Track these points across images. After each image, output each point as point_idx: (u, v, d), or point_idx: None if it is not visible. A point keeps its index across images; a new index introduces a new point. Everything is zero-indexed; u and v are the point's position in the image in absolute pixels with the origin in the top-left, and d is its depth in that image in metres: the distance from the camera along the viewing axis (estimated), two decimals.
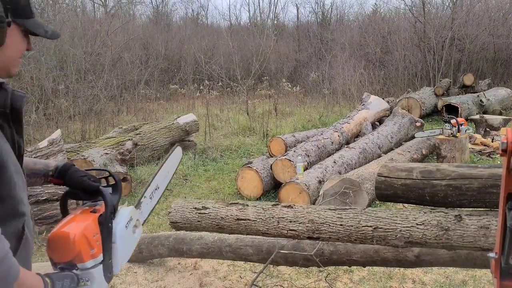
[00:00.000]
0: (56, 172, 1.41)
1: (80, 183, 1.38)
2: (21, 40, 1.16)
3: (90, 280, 1.23)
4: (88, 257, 1.22)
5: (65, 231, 1.20)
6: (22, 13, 1.13)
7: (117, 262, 1.33)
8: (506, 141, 1.11)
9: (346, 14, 21.57)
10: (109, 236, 1.30)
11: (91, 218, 1.26)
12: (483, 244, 1.95)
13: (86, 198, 1.39)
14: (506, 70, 14.64)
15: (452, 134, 6.12)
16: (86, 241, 1.21)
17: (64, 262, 1.21)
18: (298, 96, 12.72)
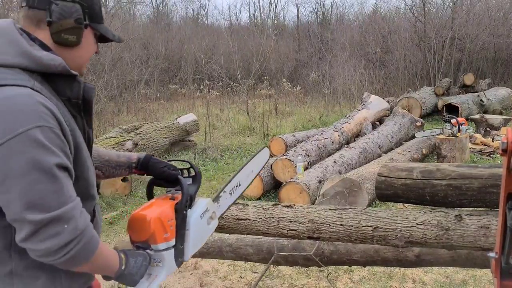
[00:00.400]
0: (138, 164, 1.53)
1: (161, 174, 1.49)
2: (93, 43, 1.27)
3: (161, 262, 1.31)
4: (161, 239, 1.30)
5: (143, 213, 1.30)
6: (96, 18, 1.24)
7: (188, 249, 1.39)
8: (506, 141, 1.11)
9: (346, 13, 21.60)
10: (183, 223, 1.37)
11: (168, 204, 1.35)
12: (483, 244, 1.95)
13: (169, 186, 1.50)
14: (507, 70, 14.64)
15: (453, 134, 6.12)
16: (161, 224, 1.29)
17: (140, 241, 1.31)
18: (298, 96, 12.73)
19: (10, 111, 1.02)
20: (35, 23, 1.16)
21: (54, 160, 1.04)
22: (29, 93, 1.06)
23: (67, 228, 1.04)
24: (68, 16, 1.16)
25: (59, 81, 1.15)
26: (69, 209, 1.05)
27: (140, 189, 5.65)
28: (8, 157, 1.00)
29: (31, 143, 1.01)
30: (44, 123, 1.04)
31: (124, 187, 5.40)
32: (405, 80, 14.08)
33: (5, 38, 1.12)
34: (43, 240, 1.02)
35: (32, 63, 1.11)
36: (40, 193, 1.02)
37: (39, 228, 1.01)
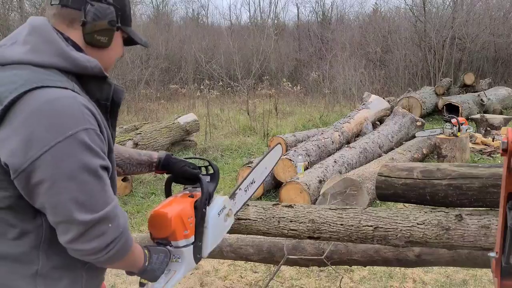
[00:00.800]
0: (159, 164, 1.55)
1: (182, 173, 1.52)
2: (121, 45, 1.28)
3: (181, 258, 1.36)
4: (181, 236, 1.34)
5: (164, 211, 1.33)
6: (126, 20, 1.25)
7: (206, 246, 1.42)
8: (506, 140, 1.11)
9: (347, 13, 21.57)
10: (202, 221, 1.40)
11: (188, 202, 1.38)
12: (484, 243, 1.95)
13: (187, 183, 1.53)
14: (507, 70, 14.64)
15: (453, 134, 6.12)
16: (181, 222, 1.33)
17: (161, 238, 1.35)
18: (298, 95, 12.72)
19: (56, 114, 1.02)
20: (67, 23, 1.15)
21: (99, 161, 1.06)
22: (73, 95, 1.06)
23: (111, 227, 1.07)
24: (102, 17, 1.16)
25: (91, 83, 1.15)
26: (112, 208, 1.08)
27: (140, 189, 5.65)
28: (58, 160, 1.01)
29: (79, 146, 1.03)
30: (89, 126, 1.05)
31: (125, 187, 5.40)
32: (406, 80, 14.08)
33: (41, 36, 1.10)
34: (91, 240, 1.05)
35: (69, 64, 1.10)
36: (89, 194, 1.04)
37: (89, 228, 1.04)
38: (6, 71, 1.07)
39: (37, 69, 1.07)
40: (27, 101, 1.02)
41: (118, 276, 3.37)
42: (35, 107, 1.01)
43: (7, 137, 1.01)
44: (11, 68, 1.07)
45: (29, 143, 1.00)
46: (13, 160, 1.01)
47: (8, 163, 1.02)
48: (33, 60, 1.08)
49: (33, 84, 1.03)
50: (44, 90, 1.03)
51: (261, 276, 3.36)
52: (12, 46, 1.11)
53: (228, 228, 1.55)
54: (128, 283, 3.26)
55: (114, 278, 3.34)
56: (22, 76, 1.05)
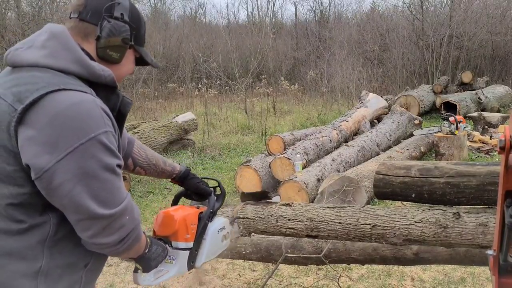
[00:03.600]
0: (178, 176, 1.68)
1: (196, 188, 1.68)
2: (131, 63, 1.34)
3: (176, 260, 1.43)
4: (182, 238, 1.44)
5: (171, 213, 1.45)
6: (140, 40, 1.32)
7: (201, 256, 1.50)
8: (504, 138, 1.11)
9: (344, 12, 21.59)
10: (202, 231, 1.50)
11: (193, 211, 1.51)
12: (482, 241, 1.95)
13: (197, 199, 1.69)
14: (504, 68, 14.66)
15: (451, 132, 6.13)
16: (185, 225, 1.44)
17: (163, 235, 1.44)
18: (296, 94, 12.72)
19: (80, 117, 1.07)
20: (82, 36, 1.21)
21: (116, 161, 1.14)
22: (93, 99, 1.12)
23: (129, 219, 1.16)
24: (117, 34, 1.22)
25: (101, 92, 1.19)
26: (128, 202, 1.16)
27: (138, 188, 5.65)
28: (81, 160, 1.06)
29: (100, 147, 1.09)
30: (108, 128, 1.12)
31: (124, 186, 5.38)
32: (403, 78, 14.09)
33: (61, 43, 1.15)
34: (113, 233, 1.13)
35: (85, 71, 1.15)
36: (110, 190, 1.11)
37: (111, 222, 1.11)
38: (23, 72, 1.12)
39: (57, 73, 1.11)
40: (51, 103, 1.06)
41: (116, 275, 3.37)
42: (60, 109, 1.05)
43: (31, 138, 1.05)
44: (28, 70, 1.12)
45: (54, 144, 1.04)
46: (36, 160, 1.04)
47: (30, 164, 1.05)
48: (52, 64, 1.12)
49: (55, 86, 1.07)
50: (67, 93, 1.08)
51: (260, 274, 3.36)
52: (29, 49, 1.15)
53: (224, 248, 1.64)
54: (126, 282, 3.26)
55: (112, 277, 3.34)
56: (44, 78, 1.09)
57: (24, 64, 1.13)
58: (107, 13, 1.21)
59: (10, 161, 1.08)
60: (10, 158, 1.07)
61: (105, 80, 1.19)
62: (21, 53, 1.15)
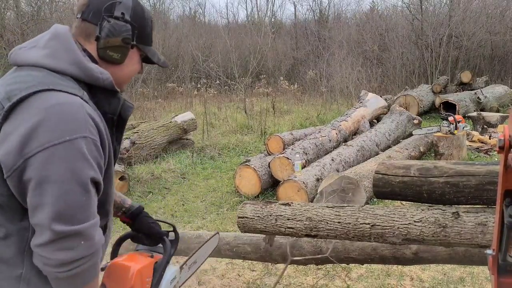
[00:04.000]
0: (128, 212, 1.51)
1: (149, 229, 1.49)
2: (137, 62, 1.30)
3: None
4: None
5: (126, 264, 1.28)
6: (144, 40, 1.28)
7: None
8: (503, 138, 1.11)
9: (344, 11, 21.59)
10: (157, 284, 1.35)
11: (148, 262, 1.34)
12: (481, 241, 1.95)
13: (146, 243, 1.49)
14: (503, 67, 14.67)
15: (450, 132, 6.13)
16: (140, 280, 1.28)
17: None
18: (295, 94, 12.71)
19: (60, 117, 1.02)
20: (85, 36, 1.20)
21: (90, 174, 1.05)
22: (80, 102, 1.07)
23: (83, 245, 1.05)
24: (116, 35, 1.19)
25: (101, 95, 1.17)
26: (90, 226, 1.06)
27: (137, 188, 5.64)
28: (49, 161, 1.00)
29: (75, 152, 1.02)
30: (89, 135, 1.05)
31: (122, 186, 5.39)
32: (403, 78, 14.09)
33: (61, 44, 1.14)
34: (58, 251, 1.02)
35: (82, 74, 1.13)
36: (69, 204, 1.02)
37: (59, 238, 1.02)
38: (22, 72, 1.11)
39: (51, 73, 1.10)
40: (36, 102, 1.03)
41: None
42: (41, 108, 1.02)
43: (8, 134, 1.02)
44: (27, 69, 1.11)
45: (26, 141, 1.00)
46: (7, 158, 1.01)
47: (2, 161, 1.02)
48: (49, 64, 1.11)
49: (44, 86, 1.05)
50: (54, 93, 1.05)
51: (259, 274, 3.36)
52: (32, 49, 1.15)
53: None
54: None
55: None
56: (36, 77, 1.08)
57: (25, 64, 1.12)
58: (107, 12, 1.19)
59: None
60: None
61: (103, 83, 1.16)
62: (24, 52, 1.14)
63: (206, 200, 5.28)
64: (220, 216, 4.71)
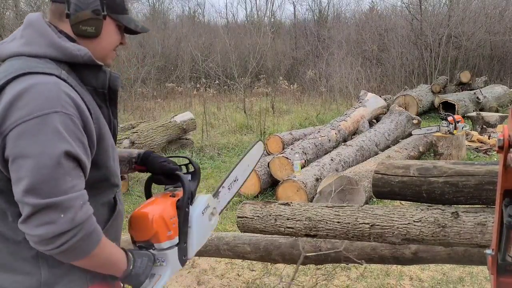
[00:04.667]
0: (139, 159, 1.51)
1: (160, 168, 1.46)
2: (115, 33, 1.27)
3: (165, 261, 1.29)
4: (164, 238, 1.27)
5: (144, 212, 1.27)
6: (117, 8, 1.25)
7: (192, 247, 1.37)
8: (502, 138, 1.11)
9: (343, 11, 21.58)
10: (185, 221, 1.34)
11: (169, 202, 1.33)
12: (480, 240, 1.95)
13: (168, 182, 1.47)
14: (503, 67, 14.68)
15: (449, 131, 6.14)
16: (164, 223, 1.27)
17: (143, 240, 1.28)
18: (295, 93, 12.72)
19: (33, 96, 1.04)
20: (58, 17, 1.20)
21: (64, 147, 1.04)
22: (55, 81, 1.08)
23: (63, 218, 1.03)
24: (84, 8, 1.18)
25: (85, 71, 1.18)
26: (67, 199, 1.04)
27: (137, 187, 5.64)
28: (21, 137, 1.02)
29: (46, 127, 1.03)
30: (63, 110, 1.05)
31: (121, 185, 5.39)
32: (402, 78, 14.10)
33: (35, 30, 1.16)
34: (38, 226, 1.02)
35: (60, 54, 1.14)
36: (42, 177, 1.02)
37: (35, 212, 1.01)
38: (5, 64, 1.14)
39: (29, 59, 1.12)
40: (13, 85, 1.06)
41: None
42: (17, 90, 1.05)
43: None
44: (8, 61, 1.14)
45: (2, 121, 1.04)
46: None
47: None
48: (27, 51, 1.13)
49: (21, 71, 1.08)
50: (30, 76, 1.07)
51: (258, 274, 3.36)
52: (12, 42, 1.18)
53: (214, 227, 1.50)
54: None
55: None
56: (14, 65, 1.10)
57: (7, 56, 1.15)
58: None
59: None
60: None
61: (83, 60, 1.16)
62: (5, 46, 1.18)
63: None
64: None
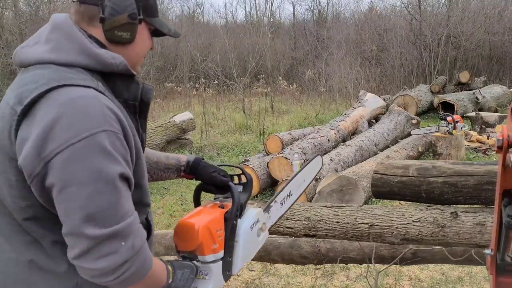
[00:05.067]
0: (187, 167, 1.43)
1: (210, 179, 1.39)
2: (148, 38, 1.17)
3: (208, 275, 1.22)
4: (209, 250, 1.21)
5: (191, 222, 1.20)
6: (150, 11, 1.14)
7: (237, 262, 1.29)
8: (501, 138, 1.11)
9: (342, 11, 21.57)
10: (232, 234, 1.27)
11: (217, 213, 1.25)
12: (479, 240, 1.96)
13: (218, 192, 1.40)
14: (502, 67, 14.69)
15: (448, 131, 6.14)
16: (209, 234, 1.20)
17: (187, 251, 1.22)
18: (294, 93, 12.72)
19: (75, 113, 0.93)
20: (87, 20, 1.07)
21: (117, 169, 0.95)
22: (95, 94, 0.97)
23: (124, 246, 0.95)
24: (121, 11, 1.07)
25: (117, 81, 1.07)
26: (127, 225, 0.96)
27: None
28: (70, 162, 0.91)
29: (96, 149, 0.92)
30: (110, 128, 0.95)
31: None
32: (401, 78, 14.11)
33: (64, 34, 1.04)
34: (99, 258, 0.93)
35: (92, 62, 1.03)
36: (100, 205, 0.92)
37: (96, 244, 0.92)
38: (30, 72, 1.02)
39: (59, 68, 1.00)
40: (48, 101, 0.94)
41: None
42: (55, 106, 0.93)
43: (24, 139, 0.94)
44: (34, 68, 1.02)
45: (43, 144, 0.91)
46: (26, 162, 0.93)
47: (23, 168, 0.94)
48: (56, 59, 1.01)
49: (55, 82, 0.96)
50: (66, 89, 0.96)
51: (257, 274, 3.35)
52: (35, 45, 1.05)
53: (262, 243, 1.40)
54: None
55: None
56: (44, 75, 0.98)
57: (30, 63, 1.03)
58: None
59: (14, 171, 0.96)
60: (13, 168, 0.96)
61: (118, 69, 1.05)
62: (27, 50, 1.05)
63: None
64: None
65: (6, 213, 1.02)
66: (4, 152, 0.98)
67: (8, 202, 1.01)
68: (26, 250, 1.02)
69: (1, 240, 1.04)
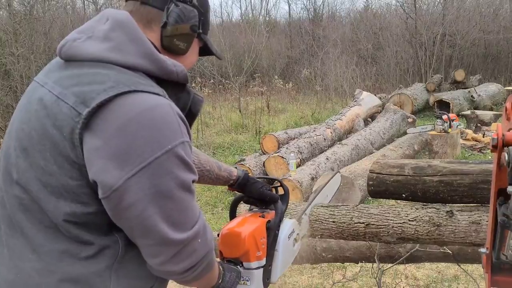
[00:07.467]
0: (236, 184, 1.47)
1: (259, 194, 1.44)
2: (196, 54, 1.17)
3: (250, 281, 1.27)
4: (254, 257, 1.27)
5: (237, 230, 1.27)
6: (207, 28, 1.14)
7: (276, 270, 1.35)
8: (496, 136, 1.11)
9: (338, 10, 21.64)
10: (273, 243, 1.34)
11: (260, 222, 1.32)
12: (474, 239, 1.96)
13: (260, 206, 1.46)
14: (497, 66, 14.75)
15: (444, 130, 6.16)
16: (254, 242, 1.27)
17: (233, 257, 1.27)
18: (290, 92, 12.72)
19: (156, 125, 0.90)
20: (144, 22, 1.03)
21: (192, 176, 0.98)
22: (168, 103, 0.95)
23: (201, 243, 1.00)
24: (185, 21, 1.05)
25: (169, 89, 1.01)
26: (201, 223, 1.00)
27: None
28: (156, 177, 0.90)
29: (177, 161, 0.93)
30: (185, 138, 0.95)
31: None
32: (397, 77, 14.14)
33: (127, 34, 0.97)
34: (183, 260, 0.97)
35: (155, 67, 0.98)
36: (184, 211, 0.96)
37: (183, 247, 0.96)
38: (85, 69, 0.95)
39: (124, 70, 0.94)
40: (121, 107, 0.89)
41: None
42: (132, 115, 0.89)
43: (98, 148, 0.88)
44: (90, 66, 0.95)
45: (125, 158, 0.88)
46: (105, 177, 0.88)
47: (98, 180, 0.89)
48: (117, 59, 0.94)
49: (125, 87, 0.90)
50: (139, 96, 0.91)
51: None
52: (89, 40, 0.98)
53: (296, 253, 1.48)
54: None
55: None
56: (110, 76, 0.92)
57: (84, 58, 0.95)
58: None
59: (74, 175, 0.91)
60: (74, 171, 0.91)
61: (177, 77, 1.02)
62: (80, 44, 0.97)
63: (201, 199, 5.26)
64: (215, 216, 4.70)
65: (36, 219, 0.96)
66: (57, 151, 0.91)
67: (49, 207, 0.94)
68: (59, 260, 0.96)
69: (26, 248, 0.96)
